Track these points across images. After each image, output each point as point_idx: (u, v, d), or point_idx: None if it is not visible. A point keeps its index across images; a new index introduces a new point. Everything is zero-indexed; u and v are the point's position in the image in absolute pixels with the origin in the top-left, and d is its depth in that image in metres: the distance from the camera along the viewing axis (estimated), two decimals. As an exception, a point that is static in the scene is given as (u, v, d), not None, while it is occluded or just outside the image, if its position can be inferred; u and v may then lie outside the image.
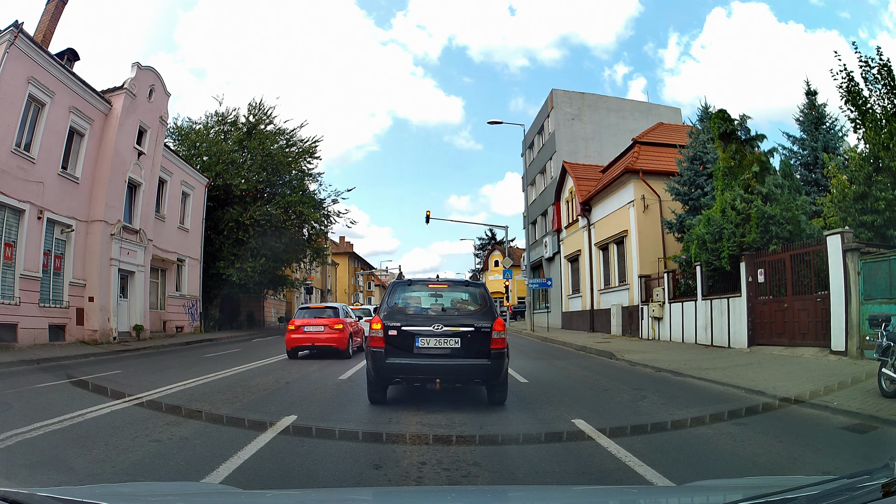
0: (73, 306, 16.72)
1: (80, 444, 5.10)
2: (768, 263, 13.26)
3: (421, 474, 4.28)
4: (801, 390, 7.40)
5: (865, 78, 11.50)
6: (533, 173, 36.68)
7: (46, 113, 15.51)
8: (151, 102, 20.14)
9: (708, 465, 4.64)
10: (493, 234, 67.77)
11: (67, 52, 18.14)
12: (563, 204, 29.73)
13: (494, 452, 5.07)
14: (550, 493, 2.91)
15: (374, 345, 6.93)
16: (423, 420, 6.43)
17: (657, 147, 22.32)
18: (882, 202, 10.95)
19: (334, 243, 53.08)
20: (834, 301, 10.94)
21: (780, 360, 11.14)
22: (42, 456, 4.70)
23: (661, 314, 17.96)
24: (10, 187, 14.19)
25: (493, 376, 6.87)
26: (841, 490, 1.54)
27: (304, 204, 28.46)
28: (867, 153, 11.65)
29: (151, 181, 20.66)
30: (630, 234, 21.29)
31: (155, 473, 4.26)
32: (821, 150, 17.51)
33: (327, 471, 4.42)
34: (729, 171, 14.77)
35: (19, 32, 14.09)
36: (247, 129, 28.79)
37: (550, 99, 33.69)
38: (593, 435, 5.53)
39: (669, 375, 10.27)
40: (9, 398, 7.49)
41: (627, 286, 21.40)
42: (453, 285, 8.38)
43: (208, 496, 2.39)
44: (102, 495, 1.94)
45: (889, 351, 6.87)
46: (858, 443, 5.48)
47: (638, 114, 33.25)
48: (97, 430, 5.65)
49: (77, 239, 16.97)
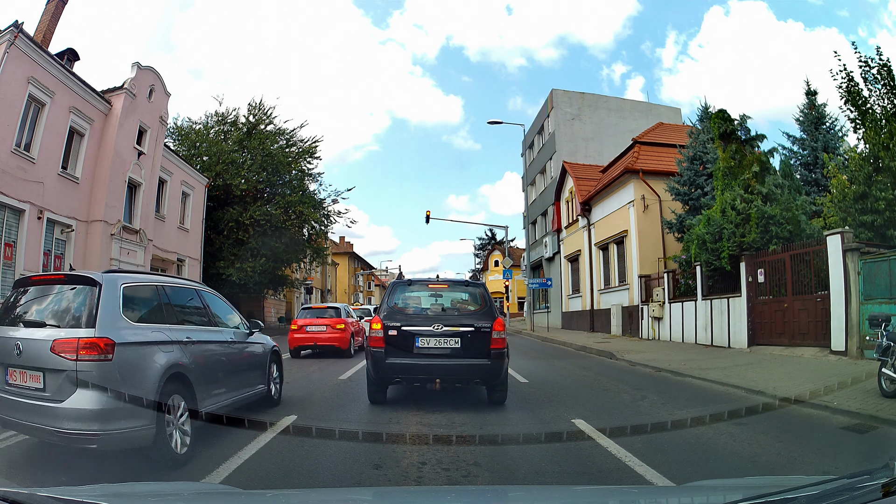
0: (73, 306, 16.71)
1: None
2: (768, 263, 13.26)
3: (421, 474, 4.28)
4: (801, 390, 7.40)
5: (865, 78, 11.50)
6: (533, 173, 36.68)
7: (46, 113, 15.51)
8: (151, 102, 20.13)
9: (708, 465, 4.64)
10: (493, 234, 67.82)
11: (67, 52, 18.14)
12: (563, 204, 29.72)
13: (494, 452, 5.07)
14: (550, 493, 2.91)
15: (374, 345, 6.94)
16: (423, 420, 6.43)
17: (657, 147, 22.32)
18: (882, 202, 10.95)
19: (334, 243, 53.05)
20: (834, 301, 10.94)
21: (780, 360, 11.14)
22: (42, 456, 4.69)
23: (661, 314, 17.96)
24: (10, 187, 14.19)
25: (493, 376, 6.87)
26: (841, 490, 1.54)
27: (304, 204, 28.44)
28: (867, 153, 11.65)
29: (151, 181, 20.65)
30: (630, 234, 21.29)
31: (155, 474, 4.26)
32: (821, 150, 17.51)
33: (327, 471, 4.43)
34: (729, 171, 14.77)
35: (19, 32, 14.09)
36: (247, 129, 28.78)
37: (550, 99, 33.68)
38: (593, 435, 5.54)
39: (669, 375, 10.27)
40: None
41: (627, 286, 21.40)
42: (453, 285, 8.38)
43: (208, 496, 2.39)
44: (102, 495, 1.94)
45: (889, 351, 6.87)
46: (858, 443, 5.49)
47: (638, 114, 33.24)
48: (97, 430, 5.64)
49: (77, 239, 16.97)
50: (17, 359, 4.23)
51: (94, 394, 4.03)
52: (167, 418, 4.45)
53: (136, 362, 4.41)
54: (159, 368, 4.52)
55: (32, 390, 4.16)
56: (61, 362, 4.06)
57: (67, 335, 4.17)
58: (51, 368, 4.10)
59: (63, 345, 4.10)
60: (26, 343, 4.24)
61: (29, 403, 4.13)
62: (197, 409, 4.93)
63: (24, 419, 4.19)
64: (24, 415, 4.16)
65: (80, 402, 4.00)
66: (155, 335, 4.74)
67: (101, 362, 4.11)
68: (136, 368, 4.38)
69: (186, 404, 4.78)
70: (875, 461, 1.77)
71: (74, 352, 4.06)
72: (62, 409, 4.01)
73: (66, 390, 4.04)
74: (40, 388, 4.13)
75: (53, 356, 4.09)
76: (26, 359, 4.20)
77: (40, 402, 4.09)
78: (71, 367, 4.04)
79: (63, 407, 4.01)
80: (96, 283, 4.43)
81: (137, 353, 4.45)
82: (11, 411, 4.22)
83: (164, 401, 4.45)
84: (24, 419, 4.19)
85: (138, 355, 4.45)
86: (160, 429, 4.33)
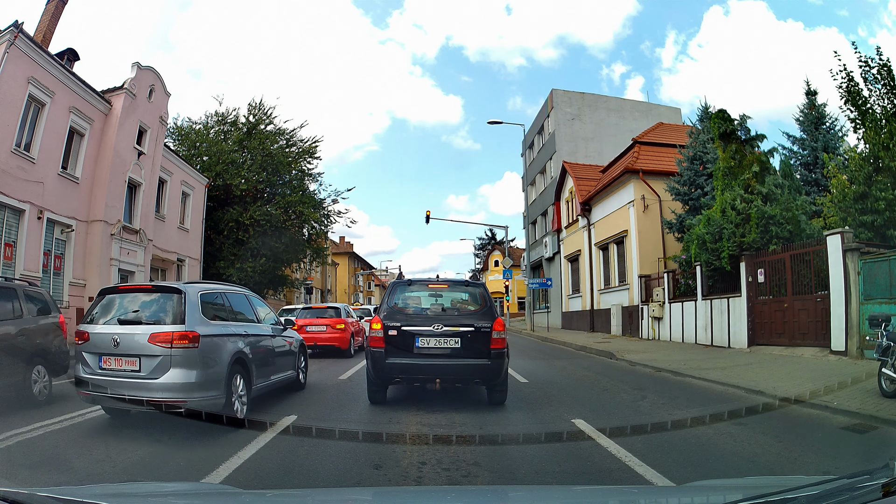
0: (73, 306, 16.70)
1: (80, 444, 5.11)
2: (768, 263, 13.26)
3: (421, 474, 4.28)
4: (801, 390, 7.40)
5: (865, 78, 11.50)
6: (533, 173, 36.69)
7: (46, 113, 15.50)
8: (151, 102, 20.13)
9: (708, 465, 4.64)
10: (493, 234, 67.79)
11: (67, 52, 18.13)
12: (563, 204, 29.73)
13: (494, 452, 5.07)
14: (550, 493, 2.91)
15: (374, 345, 6.94)
16: (423, 420, 6.43)
17: (657, 147, 22.32)
18: (882, 202, 10.95)
19: (334, 243, 53.05)
20: (834, 301, 10.94)
21: (780, 360, 11.14)
22: (42, 456, 4.70)
23: (661, 314, 17.96)
24: (10, 187, 14.18)
25: (493, 376, 6.87)
26: (841, 490, 1.54)
27: (305, 204, 28.42)
28: (867, 153, 11.65)
29: (151, 181, 20.64)
30: (630, 234, 21.29)
31: (155, 473, 4.26)
32: (821, 150, 17.51)
33: (327, 471, 4.43)
34: (729, 171, 14.77)
35: (19, 32, 14.08)
36: (247, 129, 28.76)
37: (550, 99, 33.69)
38: (593, 435, 5.54)
39: (669, 375, 10.27)
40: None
41: (627, 286, 21.40)
42: (453, 285, 8.38)
43: (208, 496, 2.39)
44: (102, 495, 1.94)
45: (889, 351, 6.87)
46: (858, 443, 5.48)
47: (638, 114, 33.24)
48: (97, 430, 5.66)
49: (77, 239, 16.96)
50: (114, 349, 5.45)
51: (183, 372, 5.35)
52: (232, 391, 5.86)
53: (212, 349, 5.76)
54: (228, 354, 5.94)
55: (129, 372, 5.41)
56: (157, 350, 5.35)
57: (163, 329, 5.46)
58: (147, 354, 5.37)
59: (160, 336, 5.39)
60: (124, 336, 5.49)
61: (125, 381, 5.38)
62: (251, 385, 6.36)
63: (119, 393, 5.36)
64: (121, 390, 5.36)
65: (173, 378, 5.31)
66: (223, 329, 6.18)
67: (190, 349, 5.44)
68: (212, 354, 5.73)
69: (245, 382, 6.20)
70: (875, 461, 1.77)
71: (169, 342, 5.36)
72: (158, 383, 5.30)
73: (161, 370, 5.32)
74: (136, 370, 5.40)
75: (150, 345, 5.37)
76: (124, 348, 5.44)
77: (137, 380, 5.36)
78: (165, 353, 5.34)
79: (159, 382, 5.30)
80: (181, 292, 5.77)
81: (213, 343, 5.80)
82: (106, 389, 5.41)
83: (230, 378, 5.86)
84: (119, 393, 5.36)
85: (213, 344, 5.80)
86: (228, 399, 5.74)
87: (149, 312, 5.84)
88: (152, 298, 6.03)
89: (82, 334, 5.78)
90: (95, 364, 5.52)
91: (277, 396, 7.80)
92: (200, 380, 5.42)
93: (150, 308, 5.91)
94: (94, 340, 5.63)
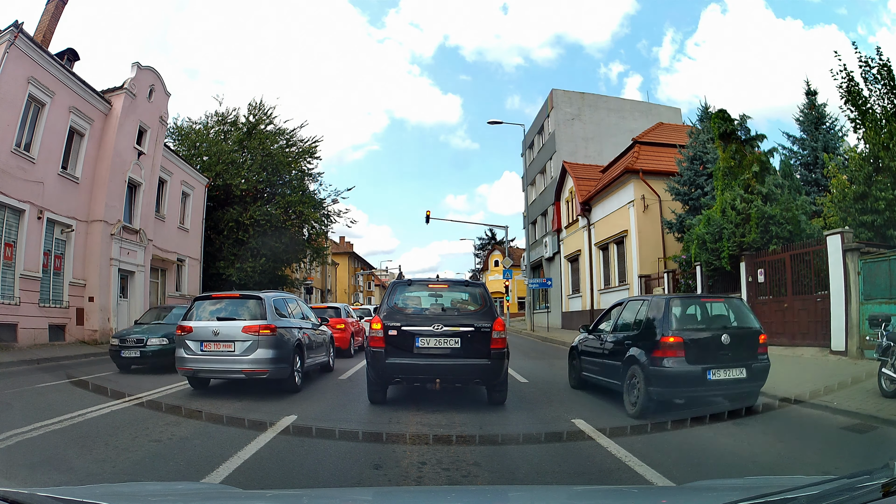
0: (73, 306, 16.71)
1: (80, 444, 5.11)
2: (768, 263, 13.26)
3: (421, 474, 4.29)
4: (801, 390, 7.40)
5: (865, 78, 11.51)
6: (533, 173, 36.69)
7: (46, 113, 15.50)
8: (151, 102, 20.12)
9: (708, 465, 4.64)
10: (492, 234, 67.77)
11: (67, 52, 18.12)
12: (563, 204, 29.73)
13: (494, 452, 5.08)
14: (550, 493, 2.91)
15: (374, 345, 6.94)
16: (423, 420, 6.43)
17: (657, 147, 22.32)
18: (882, 202, 10.95)
19: (334, 243, 53.02)
20: (834, 301, 10.94)
21: (780, 360, 11.07)
22: (42, 456, 4.70)
23: (661, 314, 17.91)
24: (10, 187, 14.18)
25: (493, 376, 6.87)
26: (841, 490, 1.54)
27: (304, 204, 28.40)
28: (867, 153, 11.65)
29: (151, 181, 20.63)
30: (630, 234, 21.29)
31: (155, 473, 4.26)
32: (821, 150, 17.51)
33: (327, 471, 4.43)
34: (729, 171, 14.77)
35: (19, 32, 14.08)
36: (247, 129, 28.74)
37: (550, 99, 33.69)
38: (593, 435, 5.54)
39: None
40: (9, 398, 7.50)
41: (627, 286, 21.39)
42: (453, 285, 8.39)
43: (208, 496, 2.39)
44: (102, 495, 1.94)
45: (889, 351, 6.88)
46: (858, 443, 5.49)
47: (638, 114, 33.24)
48: (97, 430, 5.65)
49: (77, 239, 16.96)
50: (213, 337, 7.87)
51: (266, 351, 7.80)
52: (293, 366, 8.31)
53: (283, 337, 8.20)
54: (292, 340, 8.49)
55: (225, 353, 7.85)
56: (248, 336, 7.81)
57: (252, 323, 7.93)
58: (240, 340, 7.81)
59: (251, 328, 7.85)
60: (221, 328, 7.92)
61: (223, 358, 7.87)
62: (304, 363, 8.74)
63: (219, 367, 7.89)
64: (220, 365, 7.88)
65: (259, 356, 7.76)
66: (288, 323, 8.69)
67: (270, 336, 7.88)
68: (283, 340, 8.18)
69: (300, 360, 8.63)
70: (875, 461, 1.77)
71: (257, 331, 7.83)
72: (249, 359, 7.75)
73: (251, 350, 7.77)
74: (231, 350, 7.84)
75: (243, 334, 7.83)
76: (223, 336, 7.85)
77: (232, 357, 7.83)
78: (254, 339, 7.80)
79: (249, 358, 7.75)
80: (261, 298, 8.35)
81: (283, 332, 8.24)
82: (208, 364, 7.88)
83: (293, 358, 8.33)
84: (219, 367, 7.89)
85: (283, 334, 8.24)
86: (291, 372, 8.23)
87: (240, 311, 8.27)
88: (240, 302, 8.54)
89: (185, 328, 8.01)
90: (197, 348, 7.86)
91: (277, 396, 7.82)
92: (277, 357, 7.82)
93: (239, 308, 8.35)
94: (197, 332, 7.94)
